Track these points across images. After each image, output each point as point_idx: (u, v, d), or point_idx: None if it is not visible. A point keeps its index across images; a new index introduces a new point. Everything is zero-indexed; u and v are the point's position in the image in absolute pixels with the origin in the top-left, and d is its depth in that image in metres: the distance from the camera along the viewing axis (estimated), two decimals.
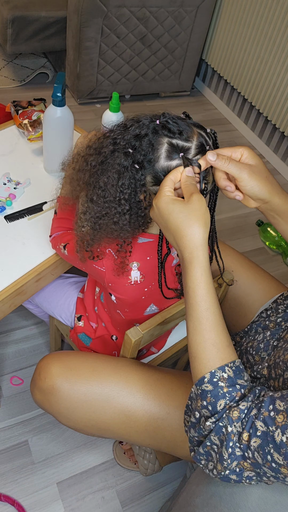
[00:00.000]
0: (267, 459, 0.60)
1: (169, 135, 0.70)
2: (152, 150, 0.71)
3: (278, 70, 2.25)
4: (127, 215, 0.76)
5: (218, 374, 0.66)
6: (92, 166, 0.76)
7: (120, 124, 0.76)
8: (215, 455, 0.65)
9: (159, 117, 0.72)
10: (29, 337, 1.48)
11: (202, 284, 0.67)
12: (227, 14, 2.48)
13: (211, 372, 0.66)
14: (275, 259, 1.97)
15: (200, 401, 0.67)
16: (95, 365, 0.91)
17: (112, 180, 0.74)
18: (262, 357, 0.85)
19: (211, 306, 0.67)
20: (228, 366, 0.66)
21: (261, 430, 0.61)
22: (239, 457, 0.62)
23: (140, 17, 2.25)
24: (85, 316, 1.10)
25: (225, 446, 0.63)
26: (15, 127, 1.35)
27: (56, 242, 0.97)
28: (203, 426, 0.66)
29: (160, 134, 0.71)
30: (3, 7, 2.16)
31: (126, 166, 0.72)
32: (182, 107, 2.76)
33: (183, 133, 0.70)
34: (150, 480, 1.25)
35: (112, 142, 0.74)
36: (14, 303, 1.01)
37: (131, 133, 0.72)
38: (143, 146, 0.71)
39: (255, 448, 0.61)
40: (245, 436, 0.62)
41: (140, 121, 0.73)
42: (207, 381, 0.66)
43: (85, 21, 2.13)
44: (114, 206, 0.75)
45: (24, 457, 1.23)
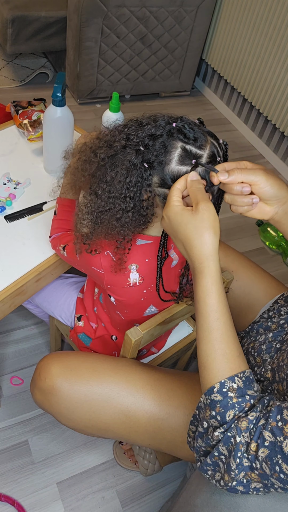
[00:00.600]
0: (275, 470, 0.60)
1: (184, 140, 0.70)
2: (164, 152, 0.71)
3: (278, 70, 2.25)
4: (130, 213, 0.75)
5: (227, 384, 0.65)
6: (101, 158, 0.75)
7: (135, 119, 0.75)
8: (223, 466, 0.65)
9: (176, 120, 0.72)
10: (29, 337, 1.48)
11: (212, 294, 0.67)
12: (227, 14, 2.48)
13: (221, 382, 0.65)
14: (275, 259, 1.97)
15: (209, 411, 0.66)
16: (95, 365, 0.91)
17: (119, 176, 0.73)
18: (264, 359, 0.85)
19: (222, 316, 0.67)
20: (238, 376, 0.66)
21: (269, 441, 0.60)
22: (246, 467, 0.62)
23: (140, 17, 2.25)
24: (85, 316, 1.10)
25: (233, 457, 0.62)
26: (15, 127, 1.35)
27: (56, 243, 0.97)
28: (211, 436, 0.65)
29: (175, 138, 0.70)
30: (3, 7, 2.16)
31: (136, 164, 0.72)
32: (182, 107, 2.76)
33: (198, 140, 0.70)
34: (150, 480, 1.25)
35: (125, 138, 0.73)
36: (14, 303, 1.01)
37: (146, 132, 0.72)
38: (156, 147, 0.71)
39: (263, 458, 0.60)
40: (253, 446, 0.61)
41: (157, 121, 0.72)
42: (217, 391, 0.65)
43: (85, 21, 2.13)
44: (119, 203, 0.75)
45: (24, 457, 1.23)
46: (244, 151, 2.57)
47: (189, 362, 1.44)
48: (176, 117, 0.73)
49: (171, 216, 0.69)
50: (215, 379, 0.66)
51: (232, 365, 0.66)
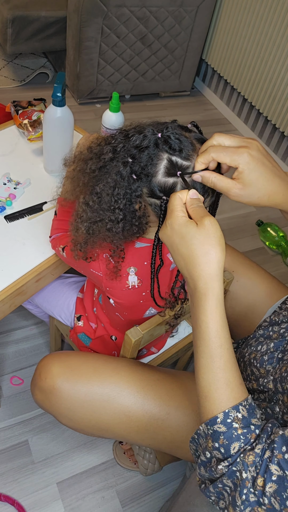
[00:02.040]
0: (285, 505, 0.56)
1: (169, 151, 0.69)
2: (151, 164, 0.69)
3: (278, 70, 2.25)
4: (120, 223, 0.75)
5: (232, 414, 0.61)
6: (92, 170, 0.75)
7: (122, 131, 0.75)
8: (228, 496, 0.61)
9: (162, 130, 0.70)
10: (29, 337, 1.48)
11: (217, 318, 0.63)
12: (227, 14, 2.48)
13: (225, 412, 0.61)
14: (275, 259, 1.97)
15: (211, 442, 0.62)
16: (95, 365, 0.91)
17: (107, 188, 0.73)
18: (267, 370, 0.84)
19: (225, 342, 0.63)
20: (242, 405, 0.62)
21: (277, 475, 0.57)
22: (253, 503, 0.58)
23: (140, 17, 2.25)
24: (84, 316, 1.10)
25: (238, 492, 0.59)
26: (15, 127, 1.35)
27: (56, 244, 0.97)
28: (214, 469, 0.62)
29: (160, 149, 0.69)
30: (3, 7, 2.16)
31: (123, 176, 0.71)
32: (182, 107, 2.76)
33: (183, 151, 0.69)
34: (150, 480, 1.25)
35: (111, 150, 0.73)
36: (14, 303, 1.01)
37: (132, 144, 0.71)
38: (142, 158, 0.70)
39: (271, 493, 0.57)
40: (259, 481, 0.58)
41: (142, 133, 0.71)
42: (220, 421, 0.61)
43: (85, 21, 2.13)
44: (108, 214, 0.74)
45: (24, 457, 1.23)
46: None
47: (189, 362, 1.44)
48: (163, 126, 0.71)
49: (175, 228, 0.64)
50: (218, 409, 0.62)
51: (236, 394, 0.63)
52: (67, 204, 0.95)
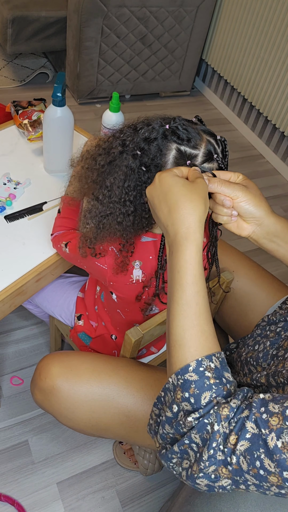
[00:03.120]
0: (254, 465, 0.54)
1: (178, 141, 0.71)
2: (160, 155, 0.71)
3: (278, 70, 2.25)
4: (131, 216, 0.76)
5: (205, 363, 0.60)
6: (101, 165, 0.77)
7: (130, 125, 0.76)
8: (193, 454, 0.59)
9: (170, 122, 0.72)
10: (29, 337, 1.48)
11: (195, 264, 0.62)
12: (227, 14, 2.48)
13: (198, 361, 0.60)
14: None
15: (181, 392, 0.60)
16: (95, 365, 0.91)
17: (118, 181, 0.74)
18: (263, 367, 0.84)
19: (201, 290, 0.63)
20: (215, 356, 0.61)
21: (252, 433, 0.55)
22: (219, 461, 0.56)
23: (140, 17, 2.25)
24: (85, 315, 1.10)
25: (207, 446, 0.56)
26: (15, 127, 1.35)
27: (58, 241, 0.97)
28: (183, 422, 0.59)
29: (169, 140, 0.71)
30: (3, 7, 2.16)
31: (133, 168, 0.73)
32: (182, 107, 2.76)
33: (192, 140, 0.71)
34: (150, 480, 1.25)
35: (121, 144, 0.75)
36: (14, 303, 1.01)
37: (140, 136, 0.73)
38: (152, 150, 0.72)
39: (241, 452, 0.55)
40: (232, 439, 0.56)
41: (151, 125, 0.73)
42: (192, 369, 0.59)
43: (85, 21, 2.13)
44: (119, 207, 0.76)
45: (24, 457, 1.23)
46: (244, 151, 2.57)
47: None
48: (170, 119, 0.73)
49: (166, 178, 0.65)
50: (191, 356, 0.60)
51: (210, 344, 0.62)
52: (74, 203, 0.96)
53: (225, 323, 1.15)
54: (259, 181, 2.40)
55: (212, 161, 0.73)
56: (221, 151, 0.74)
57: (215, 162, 0.73)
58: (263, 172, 2.46)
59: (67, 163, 0.92)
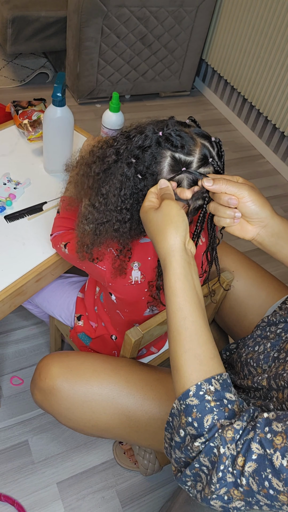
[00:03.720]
0: (263, 486, 0.55)
1: (172, 148, 0.70)
2: (155, 162, 0.71)
3: (278, 70, 2.25)
4: (128, 223, 0.77)
5: (204, 387, 0.61)
6: (96, 173, 0.77)
7: (123, 133, 0.76)
8: (205, 476, 0.59)
9: (163, 128, 0.72)
10: (29, 337, 1.48)
11: (176, 291, 0.64)
12: (227, 14, 2.48)
13: (197, 385, 0.61)
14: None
15: (185, 417, 0.61)
16: (95, 365, 0.91)
17: (114, 189, 0.74)
18: (263, 369, 0.84)
19: (190, 315, 0.64)
20: (215, 378, 0.62)
21: (257, 453, 0.55)
22: (229, 484, 0.57)
23: (140, 17, 2.25)
24: (85, 315, 1.10)
25: (215, 469, 0.57)
26: (15, 127, 1.35)
27: (57, 241, 0.97)
28: (190, 447, 0.60)
29: (163, 147, 0.71)
30: (3, 7, 2.16)
31: (129, 176, 0.73)
32: (182, 107, 2.76)
33: (185, 147, 0.70)
34: (150, 480, 1.25)
35: (115, 152, 0.74)
36: (14, 303, 1.01)
37: (134, 145, 0.72)
38: (146, 158, 0.71)
39: (249, 473, 0.55)
40: (239, 460, 0.56)
41: (143, 132, 0.72)
42: (193, 394, 0.61)
43: (85, 21, 2.13)
44: (115, 215, 0.76)
45: (24, 457, 1.23)
46: (244, 151, 2.57)
47: None
48: (162, 124, 0.72)
49: (142, 216, 0.70)
50: (189, 382, 0.62)
51: (206, 368, 0.62)
52: (71, 209, 0.96)
53: (225, 324, 1.15)
54: (259, 181, 2.40)
55: (207, 165, 0.72)
56: (216, 153, 0.74)
57: (211, 166, 0.73)
58: (263, 172, 2.46)
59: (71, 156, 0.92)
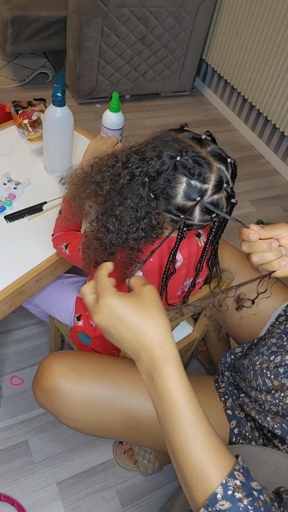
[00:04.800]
0: None
1: (188, 176, 0.70)
2: (169, 187, 0.71)
3: (278, 70, 2.25)
4: (142, 240, 0.77)
5: (231, 484, 0.53)
6: (107, 191, 0.75)
7: (137, 151, 0.74)
8: None
9: (181, 152, 0.70)
10: (29, 337, 1.48)
11: (185, 383, 0.57)
12: (227, 14, 2.48)
13: (223, 484, 0.52)
14: None
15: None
16: (98, 365, 0.90)
17: (130, 211, 0.73)
18: (282, 383, 0.82)
19: (199, 405, 0.57)
20: (236, 469, 0.54)
21: None
22: None
23: (140, 17, 2.25)
24: (84, 315, 1.10)
25: None
26: (15, 127, 1.35)
27: (58, 242, 0.97)
28: None
29: (179, 172, 0.71)
30: (3, 7, 2.16)
31: (143, 197, 0.72)
32: (182, 107, 2.76)
33: (202, 174, 0.70)
34: (150, 480, 1.25)
35: (129, 173, 0.73)
36: (14, 303, 1.01)
37: (150, 169, 0.71)
38: (161, 181, 0.71)
39: None
40: None
41: (160, 158, 0.70)
42: (221, 497, 0.52)
43: (85, 21, 2.13)
44: (131, 235, 0.76)
45: (24, 457, 1.23)
46: (244, 151, 2.57)
47: (188, 363, 1.44)
48: (179, 146, 0.71)
49: (114, 304, 0.57)
50: (214, 482, 0.53)
51: (227, 460, 0.55)
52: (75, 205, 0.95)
53: (227, 324, 1.15)
54: (259, 181, 2.40)
55: (221, 191, 0.73)
56: (231, 174, 0.74)
57: (224, 191, 0.73)
58: (263, 172, 2.46)
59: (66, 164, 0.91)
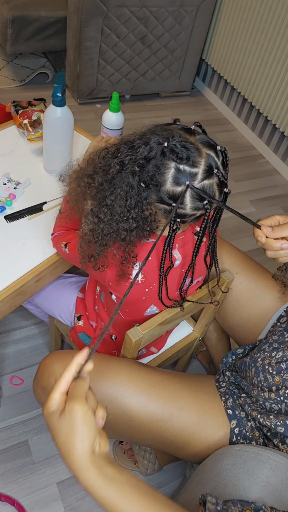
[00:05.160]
0: None
1: (177, 160, 0.70)
2: (158, 173, 0.71)
3: (278, 70, 2.25)
4: (134, 232, 0.77)
5: None
6: (99, 183, 0.76)
7: (127, 142, 0.75)
8: None
9: (168, 139, 0.71)
10: (29, 337, 1.48)
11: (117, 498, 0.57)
12: (227, 14, 2.48)
13: None
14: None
15: None
16: (98, 365, 0.90)
17: (119, 200, 0.74)
18: (284, 379, 0.83)
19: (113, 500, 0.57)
20: None
21: None
22: None
23: (140, 17, 2.25)
24: (85, 315, 1.10)
25: None
26: (15, 127, 1.35)
27: (58, 241, 0.97)
28: None
29: (167, 158, 0.70)
30: (3, 7, 2.16)
31: (133, 185, 0.73)
32: (182, 107, 2.76)
33: (191, 158, 0.70)
34: (150, 480, 1.25)
35: (119, 163, 0.74)
36: (14, 303, 1.01)
37: (139, 156, 0.72)
38: (150, 168, 0.71)
39: None
40: None
41: (148, 144, 0.72)
42: None
43: (85, 21, 2.13)
44: (122, 225, 0.76)
45: (24, 457, 1.23)
46: (244, 151, 2.57)
47: (189, 363, 1.44)
48: (167, 133, 0.72)
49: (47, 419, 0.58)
50: None
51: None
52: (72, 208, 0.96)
53: (227, 325, 1.15)
54: (259, 181, 2.40)
55: (212, 176, 0.72)
56: (222, 162, 0.74)
57: (215, 176, 0.73)
58: (263, 172, 2.46)
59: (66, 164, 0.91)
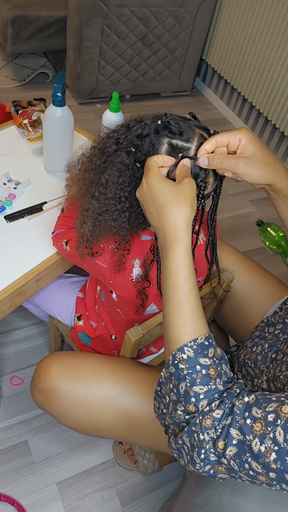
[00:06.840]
0: (244, 467, 0.58)
1: (170, 135, 0.71)
2: (153, 149, 0.72)
3: (278, 70, 2.25)
4: (126, 213, 0.77)
5: (178, 356, 0.64)
6: (97, 165, 0.77)
7: (123, 124, 0.77)
8: (186, 456, 0.63)
9: (161, 117, 0.73)
10: (29, 337, 1.49)
11: (185, 265, 0.66)
12: (227, 14, 2.48)
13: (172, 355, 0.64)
14: (275, 259, 1.97)
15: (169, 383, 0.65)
16: (95, 365, 0.91)
17: (112, 178, 0.75)
18: (261, 370, 0.84)
19: (192, 288, 0.66)
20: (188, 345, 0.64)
21: (237, 439, 0.58)
22: (213, 461, 0.61)
23: (141, 17, 2.25)
24: (85, 315, 1.10)
25: (196, 452, 0.61)
26: (15, 127, 1.35)
27: (58, 239, 0.98)
28: (174, 414, 0.64)
29: (161, 134, 0.72)
30: (3, 7, 2.16)
31: (127, 164, 0.73)
32: (182, 107, 2.76)
33: (184, 134, 0.71)
34: (150, 480, 1.25)
35: (115, 142, 0.75)
36: (14, 303, 1.01)
37: (133, 133, 0.73)
38: (145, 146, 0.72)
39: (231, 456, 0.59)
40: (220, 444, 0.59)
41: (142, 121, 0.74)
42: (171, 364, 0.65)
43: (85, 20, 2.13)
44: (114, 203, 0.76)
45: (24, 457, 1.23)
46: None
47: None
48: (161, 114, 0.74)
49: (153, 182, 0.67)
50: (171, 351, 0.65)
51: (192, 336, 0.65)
52: (75, 208, 0.96)
53: (225, 323, 1.15)
54: None
55: None
56: None
57: None
58: None
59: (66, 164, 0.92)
